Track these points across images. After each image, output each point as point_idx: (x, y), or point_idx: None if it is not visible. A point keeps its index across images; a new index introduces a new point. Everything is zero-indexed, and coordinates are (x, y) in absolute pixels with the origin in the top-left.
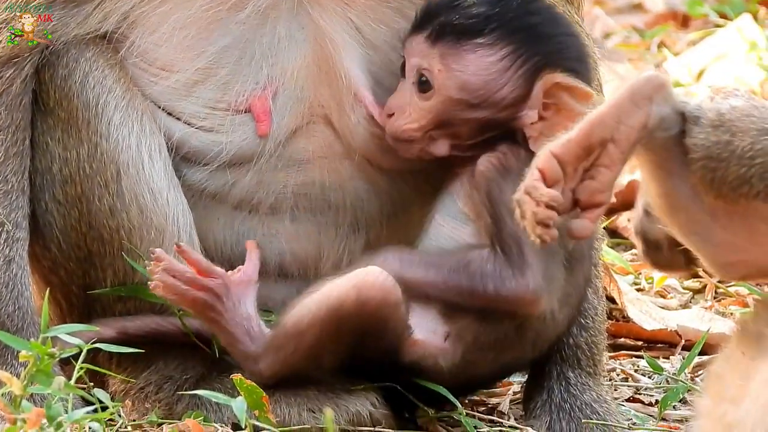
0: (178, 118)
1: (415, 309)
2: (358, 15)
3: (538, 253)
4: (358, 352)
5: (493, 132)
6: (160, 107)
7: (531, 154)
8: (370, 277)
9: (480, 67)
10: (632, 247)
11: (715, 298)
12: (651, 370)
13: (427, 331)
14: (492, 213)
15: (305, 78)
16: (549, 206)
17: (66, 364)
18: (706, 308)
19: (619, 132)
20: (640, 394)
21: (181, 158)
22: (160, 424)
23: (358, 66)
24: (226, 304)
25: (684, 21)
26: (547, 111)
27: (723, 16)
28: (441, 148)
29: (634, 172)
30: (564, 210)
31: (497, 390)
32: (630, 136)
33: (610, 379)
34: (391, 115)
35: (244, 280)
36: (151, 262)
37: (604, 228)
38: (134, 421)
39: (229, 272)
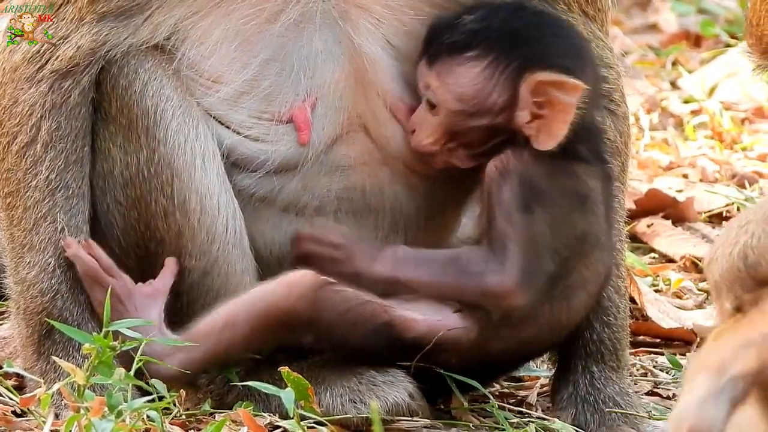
0: (227, 127)
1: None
2: (389, 30)
3: (522, 250)
4: (343, 343)
5: (499, 137)
6: (211, 116)
7: (536, 153)
8: (296, 275)
9: (469, 77)
10: (651, 250)
11: None
12: (668, 366)
13: (433, 310)
14: (487, 209)
15: (343, 90)
16: None
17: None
18: None
19: None
20: (658, 388)
21: (232, 164)
22: (212, 413)
23: (392, 79)
24: (128, 306)
25: (696, 41)
26: (542, 109)
27: (733, 36)
28: (461, 158)
29: (652, 182)
30: None
31: (526, 383)
32: None
33: (631, 374)
34: (413, 132)
35: (148, 291)
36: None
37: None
38: (188, 410)
39: (138, 284)
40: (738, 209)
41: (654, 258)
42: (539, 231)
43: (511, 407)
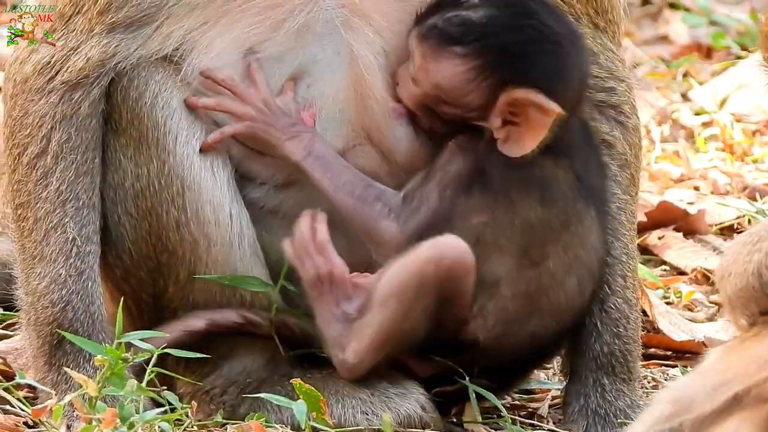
0: (235, 139)
1: None
2: (386, 38)
3: (427, 220)
4: (428, 327)
5: (472, 123)
6: (219, 128)
7: (493, 147)
8: (447, 239)
9: (451, 73)
10: (662, 263)
11: None
12: (680, 378)
13: None
14: (429, 171)
15: (344, 101)
16: None
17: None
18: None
19: None
20: None
21: (241, 176)
22: (224, 425)
23: (387, 87)
24: (334, 292)
25: (708, 52)
26: (517, 117)
27: (744, 48)
28: (436, 125)
29: (663, 194)
30: None
31: (537, 396)
32: None
33: (642, 387)
34: (397, 84)
35: (358, 283)
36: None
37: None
38: (200, 421)
39: (352, 273)
40: (749, 221)
41: (665, 270)
42: (470, 212)
43: (523, 419)
